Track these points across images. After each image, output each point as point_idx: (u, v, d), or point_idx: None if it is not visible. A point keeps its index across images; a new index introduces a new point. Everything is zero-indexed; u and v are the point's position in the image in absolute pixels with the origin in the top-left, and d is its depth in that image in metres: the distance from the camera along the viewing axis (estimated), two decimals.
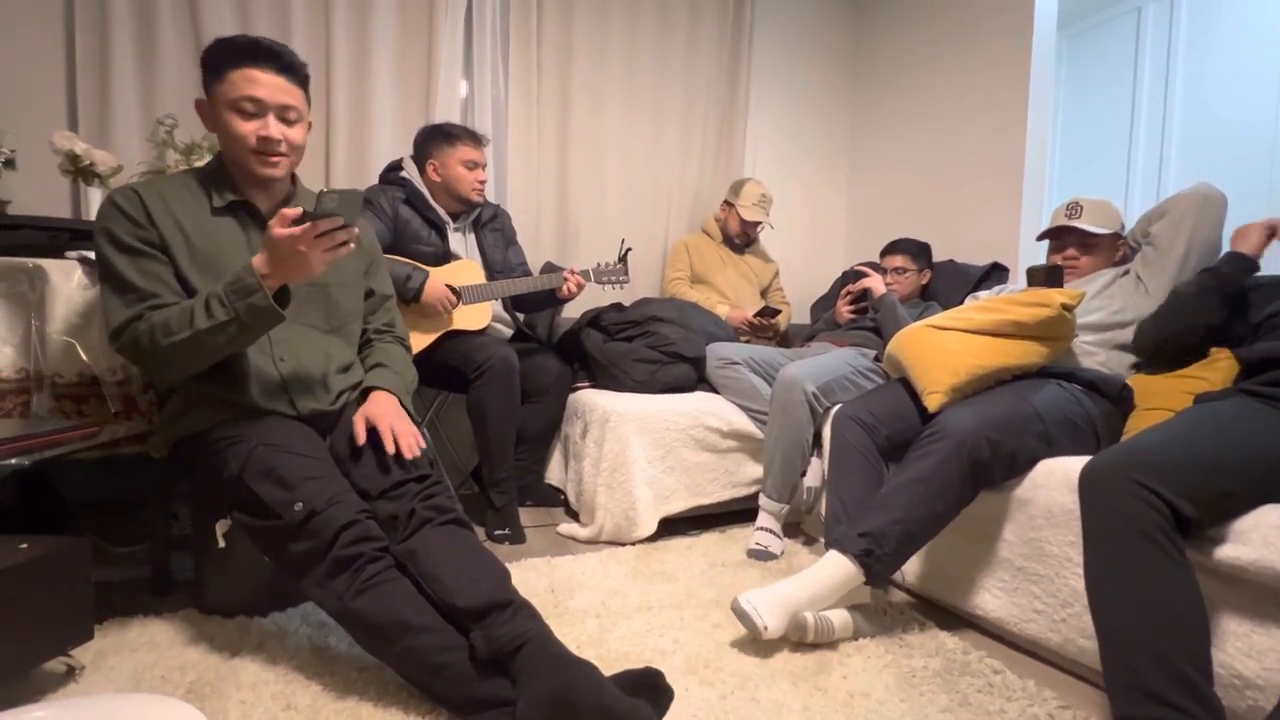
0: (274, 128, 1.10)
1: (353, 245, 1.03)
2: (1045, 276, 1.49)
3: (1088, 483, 0.98)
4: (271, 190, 1.20)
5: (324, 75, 2.13)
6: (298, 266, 1.00)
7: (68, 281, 1.26)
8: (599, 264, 2.01)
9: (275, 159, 1.13)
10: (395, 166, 1.95)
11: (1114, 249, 1.57)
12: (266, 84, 1.09)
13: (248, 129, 1.10)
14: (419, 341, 1.76)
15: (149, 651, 1.12)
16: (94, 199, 1.62)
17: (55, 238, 1.35)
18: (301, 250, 0.98)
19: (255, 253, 1.12)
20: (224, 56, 1.10)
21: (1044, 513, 1.20)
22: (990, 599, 1.29)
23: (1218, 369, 1.29)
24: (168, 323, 1.01)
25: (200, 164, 1.62)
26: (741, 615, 1.16)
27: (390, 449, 1.10)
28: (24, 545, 0.97)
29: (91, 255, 1.28)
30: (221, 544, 1.16)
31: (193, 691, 1.01)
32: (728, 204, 2.49)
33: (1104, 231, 1.53)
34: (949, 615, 1.39)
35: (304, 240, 0.97)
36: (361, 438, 1.13)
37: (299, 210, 0.98)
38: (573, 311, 2.20)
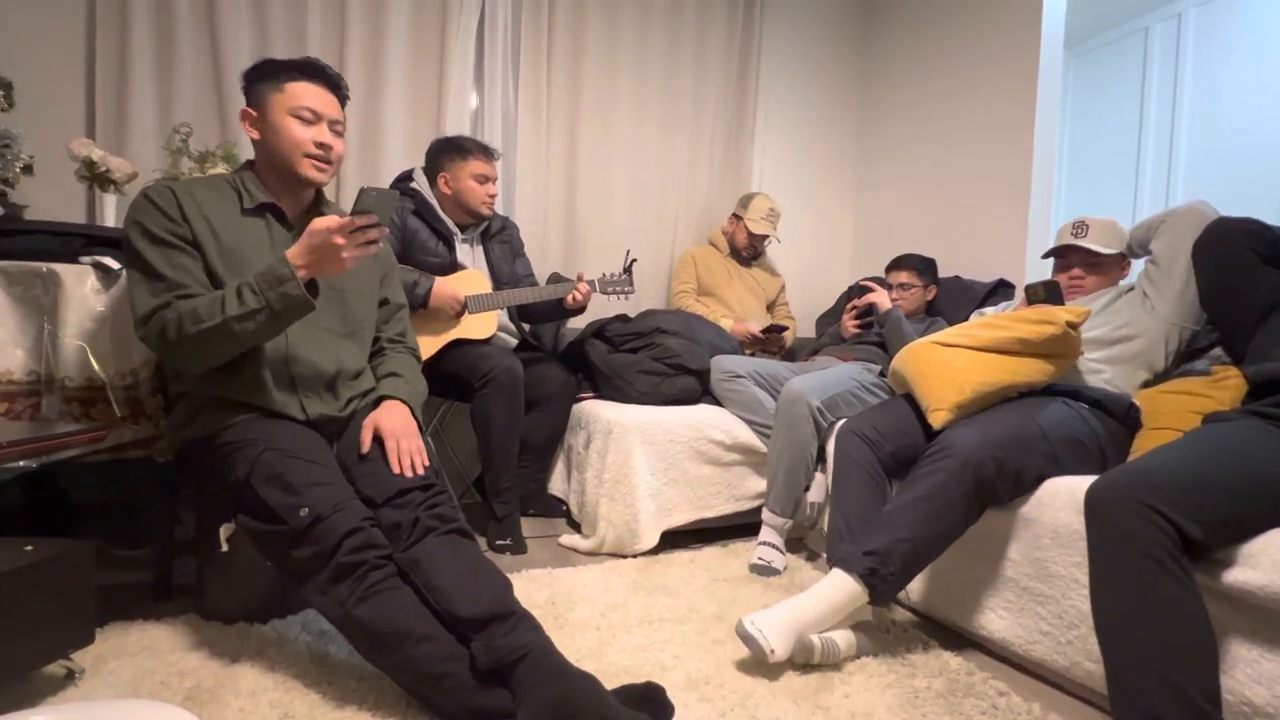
0: (328, 136, 1.19)
1: (380, 245, 1.08)
2: (1044, 293, 1.49)
3: (1093, 503, 0.97)
4: (300, 196, 1.25)
5: None
6: (331, 260, 1.04)
7: (80, 286, 1.27)
8: (604, 274, 2.02)
9: (324, 165, 1.20)
10: (406, 177, 1.97)
11: (1120, 269, 1.57)
12: (322, 98, 1.20)
13: (306, 134, 1.17)
14: (425, 350, 1.77)
15: (149, 656, 1.12)
16: (109, 205, 1.65)
17: (70, 243, 1.36)
18: (338, 243, 1.02)
19: (277, 253, 1.15)
20: (283, 70, 1.18)
21: (1050, 532, 1.19)
22: (995, 619, 1.27)
23: (1226, 388, 1.28)
24: (196, 310, 1.04)
25: (215, 171, 1.66)
26: (747, 639, 1.14)
27: (395, 467, 1.12)
28: (29, 547, 0.97)
29: (105, 260, 1.30)
30: (225, 549, 1.16)
31: (191, 698, 1.01)
32: (735, 217, 2.50)
33: (1110, 251, 1.53)
34: (953, 635, 1.37)
35: (341, 233, 1.02)
36: (366, 447, 1.14)
37: (347, 219, 1.02)
38: (578, 322, 2.21)
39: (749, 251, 2.53)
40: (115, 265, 1.31)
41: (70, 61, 1.90)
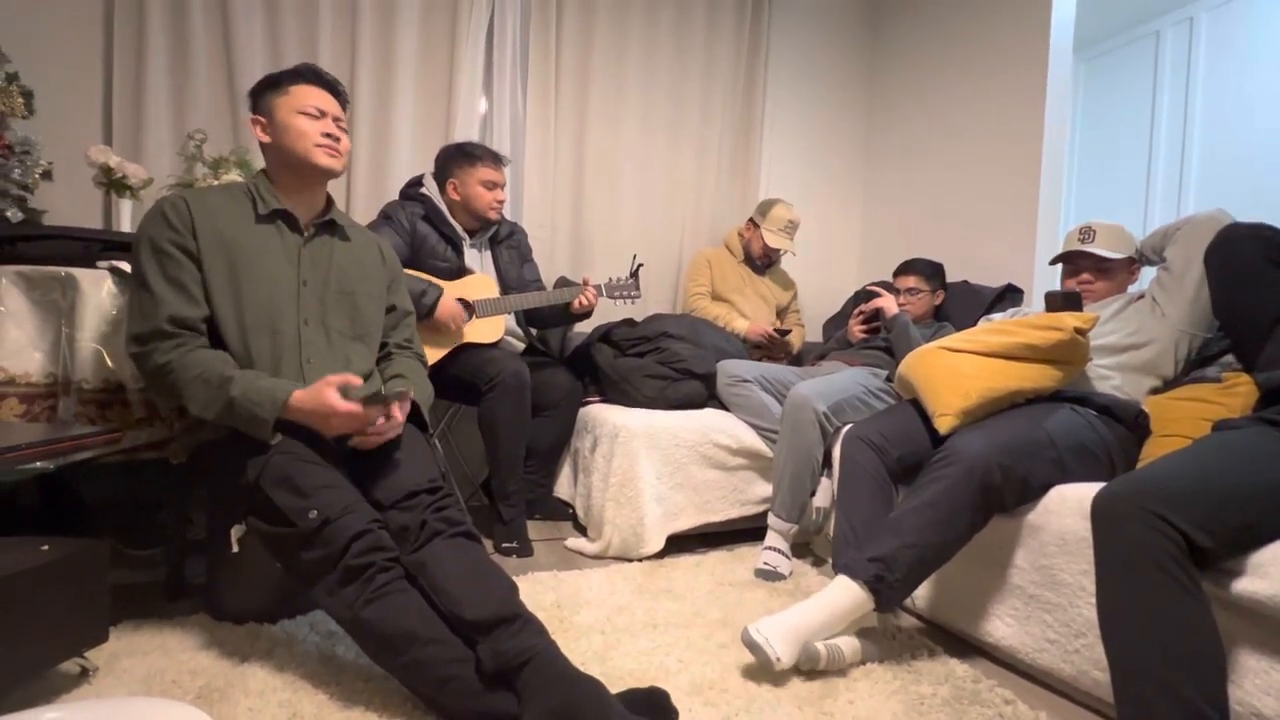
0: (334, 129, 1.27)
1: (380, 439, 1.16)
2: (1063, 302, 1.48)
3: (1100, 511, 0.96)
4: (312, 200, 1.29)
5: (348, 91, 2.18)
6: (323, 428, 1.11)
7: (98, 290, 1.30)
8: (611, 279, 2.03)
9: (335, 152, 1.26)
10: (416, 183, 1.99)
11: (1128, 273, 1.56)
12: (324, 98, 1.28)
13: (316, 127, 1.24)
14: (432, 354, 1.78)
15: (160, 655, 1.14)
16: (125, 210, 1.68)
17: (87, 248, 1.39)
18: (343, 426, 1.10)
19: (289, 258, 1.21)
20: (285, 77, 1.25)
21: (1057, 540, 1.18)
22: (1002, 626, 1.27)
23: (1237, 395, 1.27)
24: (199, 363, 1.10)
25: (229, 177, 1.69)
26: (753, 646, 1.14)
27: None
28: (45, 547, 0.99)
29: (122, 265, 1.33)
30: (236, 549, 1.17)
31: (201, 696, 1.02)
32: (753, 224, 2.47)
33: (1118, 256, 1.52)
34: (959, 642, 1.36)
35: (357, 421, 1.10)
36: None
37: (360, 402, 1.09)
38: (584, 327, 2.22)
39: (764, 260, 2.50)
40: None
41: (88, 70, 1.94)
